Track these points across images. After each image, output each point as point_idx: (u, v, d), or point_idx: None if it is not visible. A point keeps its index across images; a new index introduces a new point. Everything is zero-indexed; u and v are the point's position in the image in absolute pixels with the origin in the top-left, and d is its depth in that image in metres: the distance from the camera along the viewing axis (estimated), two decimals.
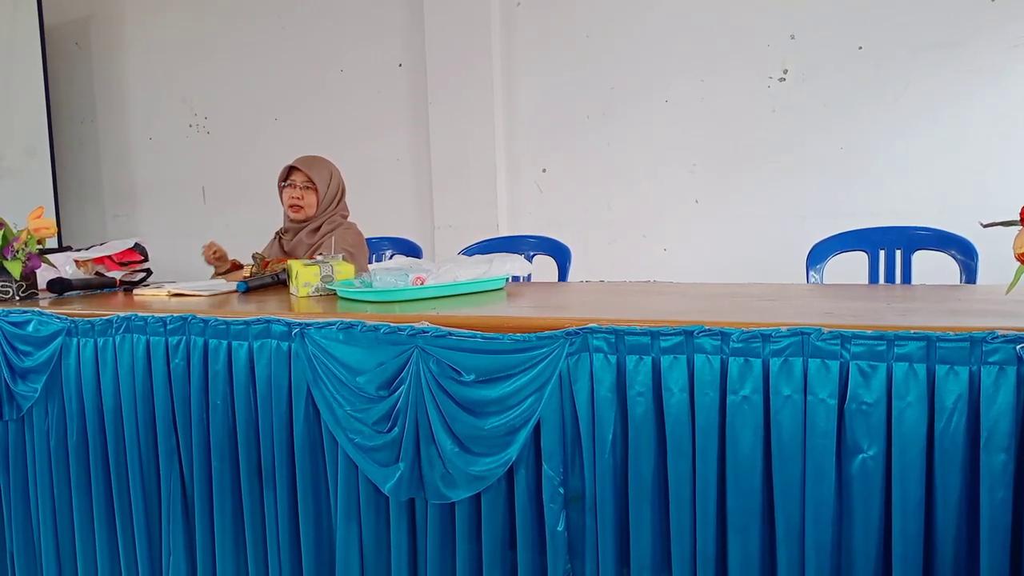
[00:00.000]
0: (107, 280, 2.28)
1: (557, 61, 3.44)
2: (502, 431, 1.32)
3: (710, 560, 1.22)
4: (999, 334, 1.05)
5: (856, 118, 2.99)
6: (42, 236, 2.07)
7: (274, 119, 4.09)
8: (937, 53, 2.86)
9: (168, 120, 4.39)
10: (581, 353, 1.28)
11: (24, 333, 1.79)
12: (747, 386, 1.17)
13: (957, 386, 1.07)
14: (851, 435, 1.13)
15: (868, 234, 2.27)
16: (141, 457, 1.69)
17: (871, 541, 1.13)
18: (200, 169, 4.35)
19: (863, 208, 2.97)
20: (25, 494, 1.88)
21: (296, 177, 2.49)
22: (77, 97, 4.63)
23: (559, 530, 1.32)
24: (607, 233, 3.42)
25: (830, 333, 1.14)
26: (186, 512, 1.68)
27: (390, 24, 3.76)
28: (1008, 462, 1.05)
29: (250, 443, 1.57)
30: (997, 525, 1.06)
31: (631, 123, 3.34)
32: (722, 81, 3.18)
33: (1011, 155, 2.80)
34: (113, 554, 1.78)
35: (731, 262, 3.19)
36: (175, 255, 4.16)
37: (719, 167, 3.23)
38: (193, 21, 4.25)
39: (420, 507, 1.44)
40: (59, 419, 1.78)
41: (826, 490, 1.14)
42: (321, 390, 1.47)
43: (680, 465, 1.23)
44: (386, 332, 1.40)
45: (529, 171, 3.55)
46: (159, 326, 1.63)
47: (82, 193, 4.71)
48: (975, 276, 2.07)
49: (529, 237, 2.84)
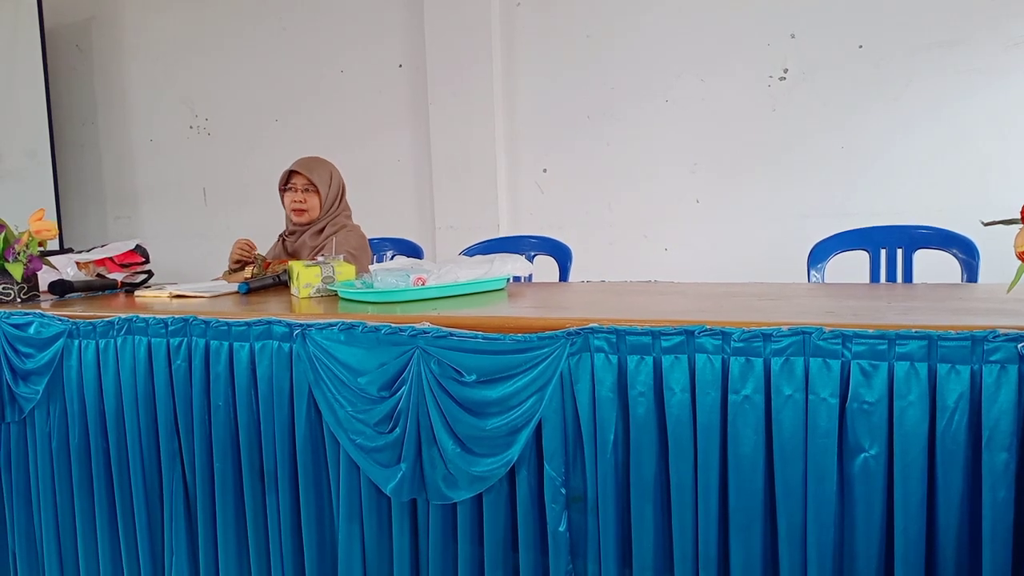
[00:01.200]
0: (108, 282, 2.28)
1: (557, 61, 3.44)
2: (504, 431, 1.32)
3: (712, 560, 1.22)
4: (1000, 333, 1.05)
5: (857, 117, 2.99)
6: (43, 238, 2.07)
7: (275, 120, 4.09)
8: (938, 52, 2.86)
9: (169, 122, 4.39)
10: (582, 353, 1.28)
11: (26, 335, 1.79)
12: (748, 386, 1.17)
13: (959, 385, 1.07)
14: (853, 434, 1.13)
15: (869, 233, 2.27)
16: (143, 458, 1.69)
17: (873, 540, 1.13)
18: (201, 170, 4.35)
19: (864, 207, 2.97)
20: (27, 496, 1.88)
21: (297, 180, 2.48)
22: (78, 99, 4.64)
23: (561, 530, 1.32)
24: (608, 233, 3.42)
25: (831, 332, 1.14)
26: (188, 513, 1.68)
27: (390, 25, 3.76)
28: (1010, 461, 1.05)
29: (252, 444, 1.57)
30: (999, 524, 1.06)
31: (632, 123, 3.34)
32: (722, 81, 3.18)
33: (1012, 154, 2.80)
34: (116, 555, 1.78)
35: (732, 262, 3.19)
36: (176, 256, 4.18)
37: (720, 167, 3.23)
38: (194, 22, 4.26)
39: (422, 508, 1.44)
40: (61, 421, 1.78)
41: (828, 489, 1.14)
42: (323, 391, 1.47)
43: (682, 465, 1.23)
44: (387, 333, 1.40)
45: (530, 171, 3.56)
46: (160, 328, 1.63)
47: (83, 195, 4.72)
48: (976, 275, 2.07)
49: (530, 237, 2.84)
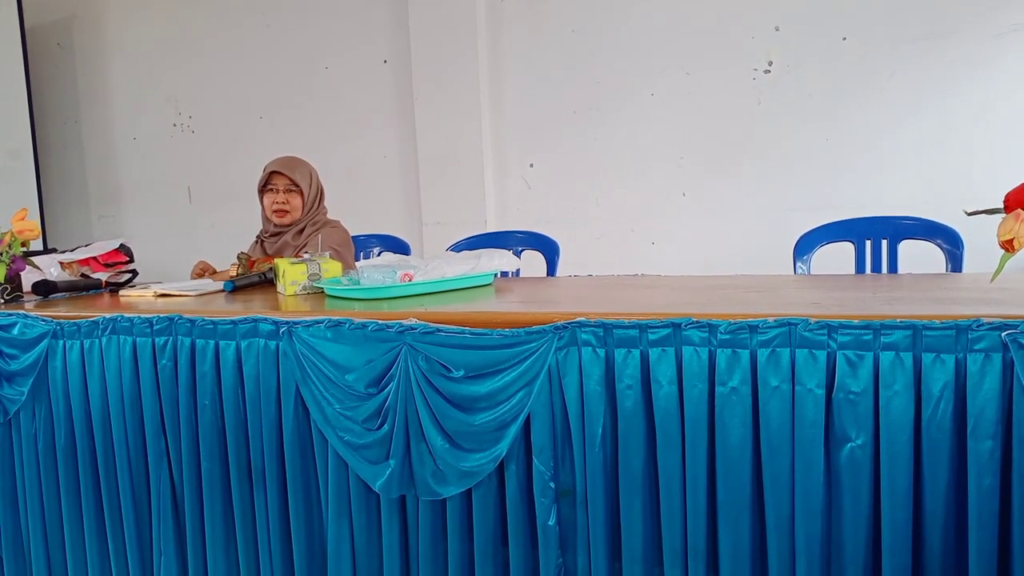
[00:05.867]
0: (93, 282, 2.27)
1: (543, 56, 3.44)
2: (492, 426, 1.32)
3: (701, 551, 1.23)
4: (985, 322, 1.06)
5: (841, 109, 3.01)
6: (26, 238, 2.05)
7: (259, 118, 4.07)
8: (922, 43, 2.88)
9: (152, 120, 4.36)
10: (570, 347, 1.28)
11: (9, 336, 1.77)
12: (735, 377, 1.18)
13: (943, 374, 1.08)
14: (839, 424, 1.13)
15: (854, 224, 2.28)
16: (130, 459, 1.68)
17: (860, 529, 1.14)
18: (185, 169, 4.32)
19: (849, 199, 2.99)
20: (13, 497, 1.87)
21: (278, 181, 2.43)
22: (60, 98, 4.59)
23: (550, 524, 1.32)
24: (595, 227, 3.43)
25: (817, 323, 1.14)
26: (176, 513, 1.67)
27: (375, 21, 3.74)
28: (995, 449, 1.06)
29: (239, 443, 1.57)
30: (985, 512, 1.06)
31: (618, 118, 3.35)
32: (708, 74, 3.18)
33: (996, 144, 2.82)
34: (103, 556, 1.77)
35: (719, 255, 3.20)
36: (161, 255, 4.15)
37: (706, 160, 3.23)
38: (176, 20, 4.23)
39: (411, 504, 1.44)
40: (46, 422, 1.76)
41: (815, 479, 1.14)
42: (310, 388, 1.46)
43: (670, 457, 1.23)
44: (374, 329, 1.40)
45: (516, 167, 3.55)
46: (146, 327, 1.62)
47: (67, 194, 4.68)
48: (961, 265, 2.09)
49: (517, 232, 2.84)
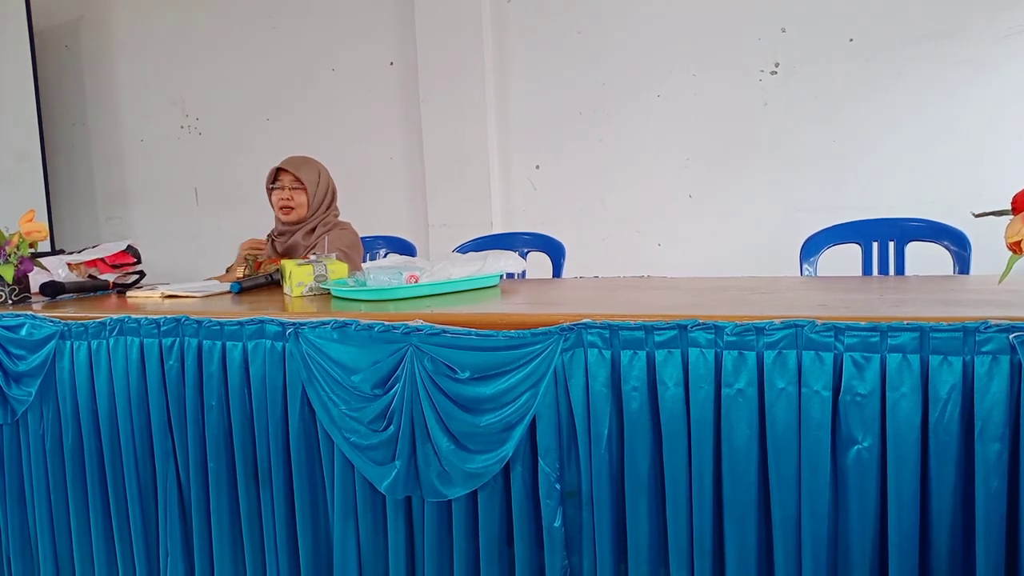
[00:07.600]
0: (100, 283, 2.28)
1: (549, 58, 3.44)
2: (498, 428, 1.32)
3: (707, 553, 1.22)
4: (992, 324, 1.06)
5: (848, 110, 3.00)
6: (34, 240, 2.06)
7: (266, 119, 4.08)
8: (929, 44, 2.87)
9: (160, 121, 4.37)
10: (576, 349, 1.28)
11: (17, 337, 1.78)
12: (741, 379, 1.18)
13: (951, 376, 1.08)
14: (846, 426, 1.13)
15: (861, 226, 2.27)
16: (137, 459, 1.68)
17: (867, 531, 1.14)
18: (192, 170, 4.33)
19: (856, 200, 2.98)
20: (21, 497, 1.87)
21: (284, 179, 2.46)
22: (68, 100, 4.61)
23: (556, 526, 1.32)
24: (601, 229, 3.42)
25: (824, 325, 1.14)
26: (183, 513, 1.68)
27: (381, 22, 3.75)
28: (1002, 452, 1.05)
29: (246, 444, 1.57)
30: (992, 515, 1.06)
31: (624, 119, 3.35)
32: (714, 75, 3.18)
33: (1003, 145, 2.81)
34: (111, 557, 1.77)
35: (725, 256, 3.20)
36: (168, 257, 4.17)
37: (712, 162, 3.23)
38: (183, 22, 4.24)
39: (417, 505, 1.44)
40: (54, 422, 1.77)
41: (821, 481, 1.14)
42: (316, 389, 1.47)
43: (676, 459, 1.23)
44: (380, 331, 1.40)
45: (522, 168, 3.55)
46: (153, 328, 1.63)
47: (74, 196, 4.69)
48: (968, 266, 2.08)
49: (523, 234, 2.84)
